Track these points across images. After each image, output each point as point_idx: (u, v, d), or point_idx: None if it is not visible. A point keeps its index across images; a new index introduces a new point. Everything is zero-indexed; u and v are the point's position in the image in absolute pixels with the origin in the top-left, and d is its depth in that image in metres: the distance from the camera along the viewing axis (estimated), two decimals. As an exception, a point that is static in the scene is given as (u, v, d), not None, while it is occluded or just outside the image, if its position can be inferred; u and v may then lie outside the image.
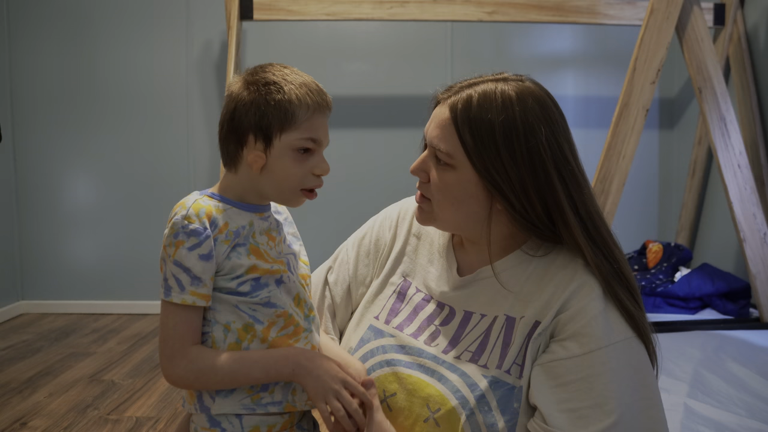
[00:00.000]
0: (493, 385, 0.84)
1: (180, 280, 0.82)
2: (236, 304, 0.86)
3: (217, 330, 0.85)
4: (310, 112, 0.85)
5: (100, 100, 3.41)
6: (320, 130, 0.87)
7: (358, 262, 1.06)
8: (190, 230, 0.82)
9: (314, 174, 0.88)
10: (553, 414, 0.79)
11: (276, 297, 0.87)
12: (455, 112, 0.87)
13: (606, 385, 0.79)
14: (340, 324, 1.05)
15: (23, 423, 1.98)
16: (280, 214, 0.98)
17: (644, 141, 3.43)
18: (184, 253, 0.82)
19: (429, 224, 0.95)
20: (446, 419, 0.85)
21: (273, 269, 0.87)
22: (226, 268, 0.85)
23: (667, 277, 2.83)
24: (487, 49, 3.46)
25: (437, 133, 0.89)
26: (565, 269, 0.87)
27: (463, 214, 0.90)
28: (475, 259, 0.96)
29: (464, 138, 0.86)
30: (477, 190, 0.87)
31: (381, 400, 0.90)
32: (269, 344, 0.86)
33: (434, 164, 0.90)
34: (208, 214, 0.84)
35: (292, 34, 3.41)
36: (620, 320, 0.84)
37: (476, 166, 0.85)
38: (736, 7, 2.86)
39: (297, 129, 0.85)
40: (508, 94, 0.86)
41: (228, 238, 0.85)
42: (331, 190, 3.50)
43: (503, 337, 0.87)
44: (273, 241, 0.91)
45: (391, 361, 0.92)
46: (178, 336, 0.83)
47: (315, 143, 0.87)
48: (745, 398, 1.67)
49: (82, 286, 3.47)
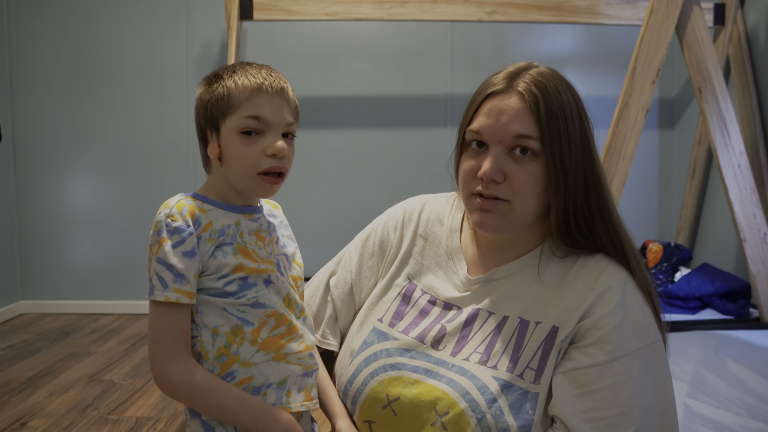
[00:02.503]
0: (505, 389, 0.82)
1: (163, 278, 0.82)
2: (224, 306, 0.85)
3: (205, 334, 0.85)
4: (248, 92, 0.85)
5: (100, 101, 3.41)
6: (263, 108, 0.85)
7: (362, 264, 1.03)
8: (173, 228, 0.82)
9: (267, 155, 0.85)
10: (579, 424, 0.78)
11: (264, 297, 0.86)
12: (533, 97, 0.84)
13: (631, 393, 0.79)
14: (343, 326, 1.03)
15: (23, 423, 1.98)
16: (275, 217, 0.97)
17: (644, 141, 3.43)
18: (168, 250, 0.82)
19: (504, 231, 0.88)
20: (455, 423, 0.82)
21: (260, 268, 0.86)
22: (211, 268, 0.84)
23: (667, 277, 2.83)
24: (487, 49, 3.46)
25: (518, 124, 0.84)
26: (587, 275, 0.86)
27: (537, 208, 0.86)
28: (491, 261, 0.93)
29: (543, 124, 0.83)
30: (549, 181, 0.85)
31: (384, 405, 0.88)
32: (260, 345, 0.85)
33: (511, 159, 0.85)
34: (191, 213, 0.84)
35: (292, 34, 3.41)
36: (644, 325, 0.83)
37: (550, 153, 0.83)
38: (736, 7, 2.86)
39: (237, 110, 0.85)
40: (557, 77, 0.87)
41: (212, 237, 0.85)
42: (331, 190, 3.50)
43: (516, 340, 0.86)
44: (262, 241, 0.90)
45: (395, 365, 0.90)
46: (171, 339, 0.82)
47: (259, 122, 0.85)
48: (745, 398, 1.67)
49: (82, 286, 3.47)
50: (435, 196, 1.07)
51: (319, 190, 3.51)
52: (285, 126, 0.87)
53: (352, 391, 0.92)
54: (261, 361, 0.85)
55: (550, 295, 0.87)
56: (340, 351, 1.00)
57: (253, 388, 0.85)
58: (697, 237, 3.28)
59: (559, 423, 0.80)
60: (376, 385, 0.89)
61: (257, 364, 0.85)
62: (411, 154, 3.47)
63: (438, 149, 3.42)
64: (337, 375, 0.97)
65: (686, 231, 3.26)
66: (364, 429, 0.91)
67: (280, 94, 0.87)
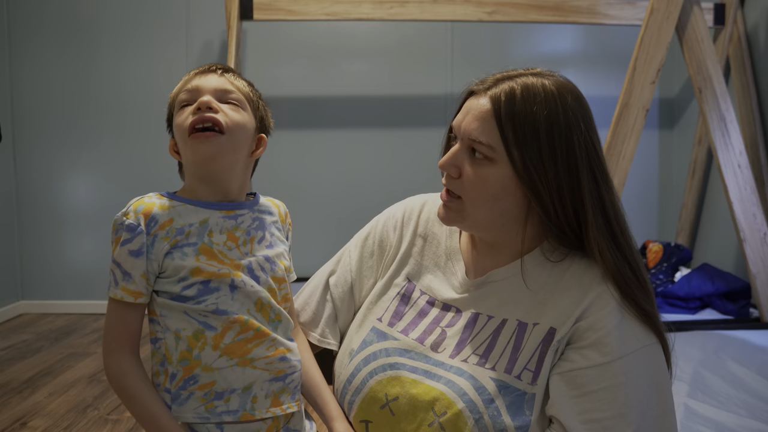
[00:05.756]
0: (503, 390, 0.82)
1: (115, 275, 0.83)
2: (185, 310, 0.83)
3: (169, 338, 0.84)
4: (182, 81, 0.90)
5: (100, 100, 3.41)
6: (192, 82, 0.89)
7: (361, 263, 1.03)
8: (126, 226, 0.83)
9: (192, 115, 0.86)
10: (576, 425, 0.78)
11: (227, 303, 0.83)
12: (498, 103, 0.82)
13: (628, 394, 0.78)
14: (342, 325, 1.02)
15: (23, 423, 1.98)
16: (271, 215, 0.95)
17: (644, 141, 3.43)
18: (119, 248, 0.83)
19: (455, 224, 0.89)
20: (453, 423, 0.82)
21: (221, 272, 0.83)
22: (168, 269, 0.83)
23: (667, 277, 2.83)
24: (487, 49, 3.46)
25: (476, 126, 0.83)
26: (583, 278, 0.85)
27: (497, 212, 0.85)
28: (488, 263, 0.93)
29: (505, 131, 0.81)
30: (514, 187, 0.83)
31: (383, 404, 0.88)
32: (222, 351, 0.83)
33: (468, 159, 0.85)
34: (146, 211, 0.84)
35: (292, 34, 3.41)
36: (640, 328, 0.83)
37: (515, 161, 0.81)
38: (736, 7, 2.86)
39: (177, 99, 0.89)
40: (550, 88, 0.83)
41: (169, 235, 0.83)
42: (331, 189, 3.50)
43: (514, 342, 0.85)
44: (235, 241, 0.87)
45: (394, 365, 0.89)
46: (115, 334, 0.84)
47: (189, 93, 0.88)
48: (745, 398, 1.66)
49: (82, 286, 3.46)
50: (435, 195, 1.06)
51: (319, 190, 3.51)
52: (216, 91, 0.88)
53: (350, 390, 0.92)
54: (224, 366, 0.83)
55: (548, 297, 0.87)
56: (340, 350, 0.99)
57: (216, 393, 0.83)
58: (697, 237, 3.28)
59: (556, 424, 0.80)
60: (375, 384, 0.89)
61: (219, 370, 0.83)
62: (410, 154, 3.47)
63: (437, 149, 3.38)
64: (336, 374, 0.97)
65: (686, 231, 3.26)
66: (361, 429, 0.90)
67: (215, 72, 0.90)
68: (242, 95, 0.90)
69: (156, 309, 0.85)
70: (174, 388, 0.84)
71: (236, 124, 0.87)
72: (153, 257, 0.83)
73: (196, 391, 0.83)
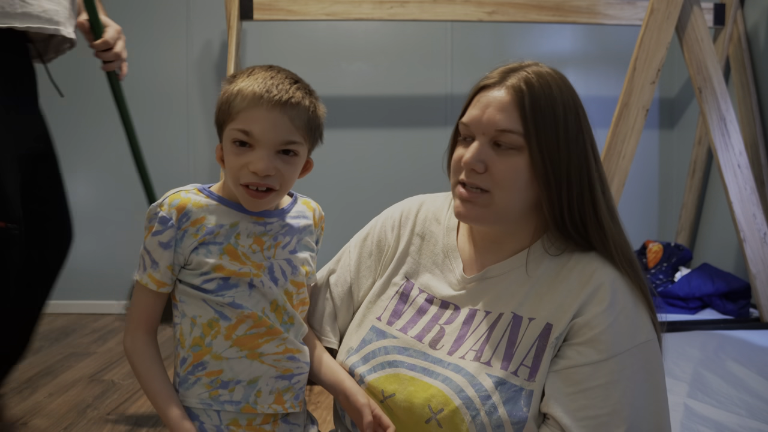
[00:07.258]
0: (499, 386, 0.83)
1: (144, 261, 0.88)
2: (203, 299, 0.87)
3: (185, 323, 0.88)
4: (246, 102, 0.82)
5: (99, 99, 3.40)
6: (256, 123, 0.82)
7: (360, 263, 1.04)
8: (159, 217, 0.86)
9: (250, 171, 0.83)
10: (571, 422, 0.78)
11: (243, 299, 0.86)
12: (520, 92, 0.84)
13: (623, 391, 0.79)
14: (342, 324, 1.03)
15: (23, 423, 1.98)
16: (304, 218, 0.97)
17: (644, 141, 3.42)
18: (150, 237, 0.86)
19: (479, 220, 0.88)
20: (449, 420, 0.83)
21: (241, 272, 0.86)
22: (193, 263, 0.86)
23: (667, 277, 2.83)
24: (487, 49, 3.47)
25: (501, 117, 0.85)
26: (580, 272, 0.86)
27: (522, 202, 0.87)
28: (486, 259, 0.94)
29: (528, 119, 0.84)
30: (536, 176, 0.85)
31: (380, 400, 0.89)
32: (233, 341, 0.86)
33: (494, 152, 0.86)
34: (181, 206, 0.86)
35: (292, 34, 3.41)
36: (636, 324, 0.83)
37: (540, 146, 0.83)
38: (736, 7, 2.86)
39: (234, 119, 0.84)
40: (554, 76, 0.87)
41: (198, 233, 0.86)
42: (331, 189, 3.50)
43: (509, 335, 0.86)
44: (260, 245, 0.89)
45: (393, 363, 0.90)
46: (135, 315, 0.89)
47: (248, 136, 0.82)
48: (745, 398, 1.67)
49: (82, 286, 3.46)
50: (433, 195, 1.08)
51: (319, 190, 3.51)
52: (279, 144, 0.83)
53: None
54: (233, 356, 0.86)
55: (544, 291, 0.87)
56: (339, 349, 1.00)
57: (222, 381, 0.86)
58: (697, 237, 3.28)
59: (551, 420, 0.81)
60: (373, 381, 0.90)
61: (228, 359, 0.86)
62: (411, 154, 3.47)
63: (438, 149, 3.39)
64: None
65: (686, 231, 3.26)
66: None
67: (282, 108, 0.82)
68: (301, 137, 0.85)
69: (177, 295, 0.89)
70: (183, 372, 0.88)
71: (290, 181, 0.87)
72: (180, 251, 0.86)
73: (203, 377, 0.86)
